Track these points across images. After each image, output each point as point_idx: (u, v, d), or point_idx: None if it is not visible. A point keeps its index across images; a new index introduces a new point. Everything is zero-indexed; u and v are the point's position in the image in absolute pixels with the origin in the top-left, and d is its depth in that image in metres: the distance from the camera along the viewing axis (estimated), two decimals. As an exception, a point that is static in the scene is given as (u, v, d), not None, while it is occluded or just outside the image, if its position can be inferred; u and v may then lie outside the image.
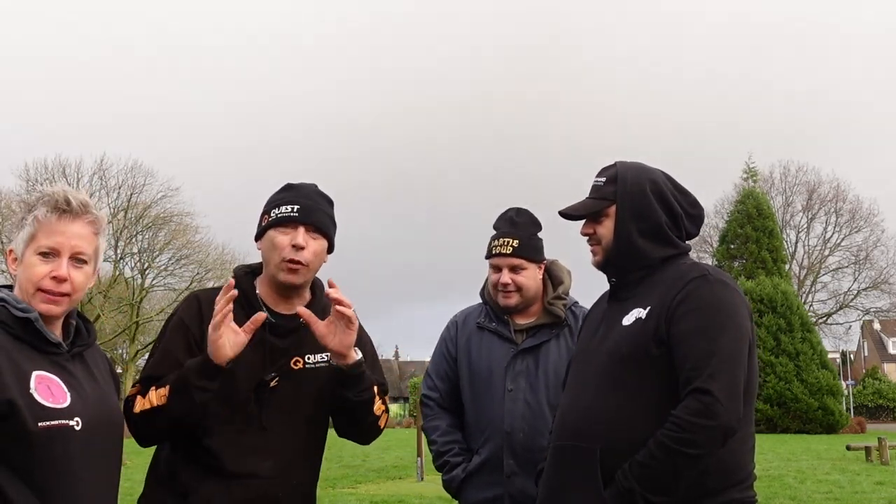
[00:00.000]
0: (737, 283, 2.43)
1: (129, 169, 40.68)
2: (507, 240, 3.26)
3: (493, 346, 3.30)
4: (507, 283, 3.24)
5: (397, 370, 74.42)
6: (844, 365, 51.46)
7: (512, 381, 3.22)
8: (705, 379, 2.16)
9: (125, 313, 42.33)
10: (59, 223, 2.03)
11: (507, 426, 3.17)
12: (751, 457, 2.37)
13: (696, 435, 2.13)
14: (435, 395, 3.42)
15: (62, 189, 2.08)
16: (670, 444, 2.14)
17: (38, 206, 2.04)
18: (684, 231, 2.51)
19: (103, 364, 2.20)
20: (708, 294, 2.29)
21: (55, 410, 1.91)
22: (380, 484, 13.46)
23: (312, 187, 2.61)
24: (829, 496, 11.11)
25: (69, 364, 2.02)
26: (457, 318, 3.49)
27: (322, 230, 2.53)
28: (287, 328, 2.51)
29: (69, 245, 2.03)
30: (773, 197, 46.40)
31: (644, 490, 2.16)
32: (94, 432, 1.98)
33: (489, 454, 3.20)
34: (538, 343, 3.26)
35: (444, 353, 3.43)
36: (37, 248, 2.01)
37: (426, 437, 3.45)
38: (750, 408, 2.30)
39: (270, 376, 2.43)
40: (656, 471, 2.16)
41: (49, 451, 1.89)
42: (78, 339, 2.09)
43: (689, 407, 2.15)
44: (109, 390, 2.14)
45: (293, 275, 2.48)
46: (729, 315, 2.27)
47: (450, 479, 3.28)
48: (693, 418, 2.14)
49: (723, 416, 2.13)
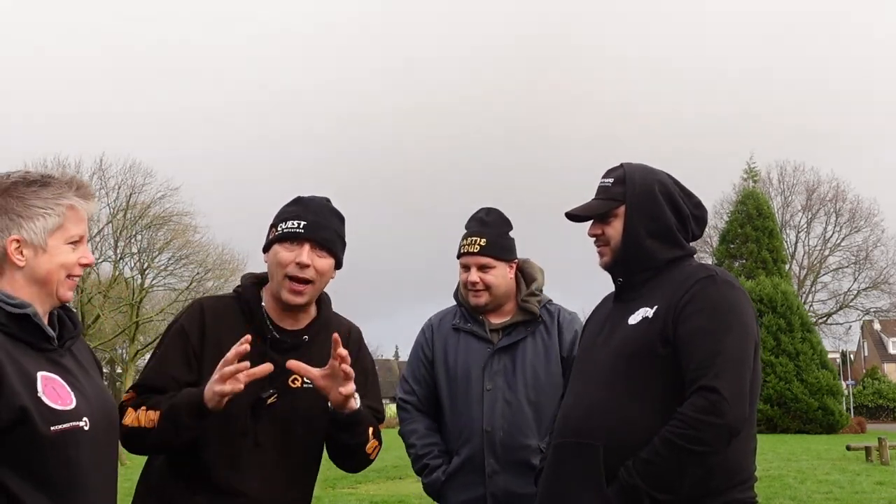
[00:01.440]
0: (741, 285, 2.43)
1: (128, 168, 40.67)
2: (475, 238, 3.27)
3: (469, 346, 3.30)
4: (476, 281, 3.25)
5: (397, 370, 74.36)
6: (844, 365, 51.44)
7: (490, 380, 3.22)
8: (712, 377, 2.16)
9: (125, 313, 42.28)
10: (85, 208, 2.04)
11: (487, 425, 3.17)
12: (753, 457, 2.37)
13: (702, 432, 2.13)
14: (412, 399, 3.40)
15: (72, 174, 2.09)
16: (676, 441, 2.14)
17: (63, 192, 2.00)
18: (690, 232, 2.51)
19: (87, 353, 2.16)
20: (715, 295, 2.29)
21: (65, 413, 1.88)
22: (380, 484, 13.45)
23: (323, 202, 2.53)
24: (829, 496, 11.10)
25: (63, 360, 1.98)
26: (431, 320, 3.47)
27: (329, 248, 2.45)
28: (289, 345, 2.46)
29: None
30: (773, 197, 46.39)
31: (649, 487, 2.15)
32: (98, 430, 1.96)
33: (469, 454, 3.19)
34: (514, 341, 3.27)
35: (420, 357, 3.42)
36: (68, 237, 2.00)
37: (404, 441, 3.40)
38: (753, 409, 2.29)
39: (268, 393, 2.38)
40: (661, 468, 2.15)
41: (63, 455, 1.86)
42: (65, 332, 2.04)
43: (696, 404, 2.15)
44: (101, 383, 2.12)
45: (296, 296, 2.43)
46: (735, 315, 2.27)
47: (431, 482, 3.26)
48: (700, 415, 2.13)
49: (729, 415, 2.13)
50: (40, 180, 1.99)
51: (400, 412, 3.43)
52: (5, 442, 1.81)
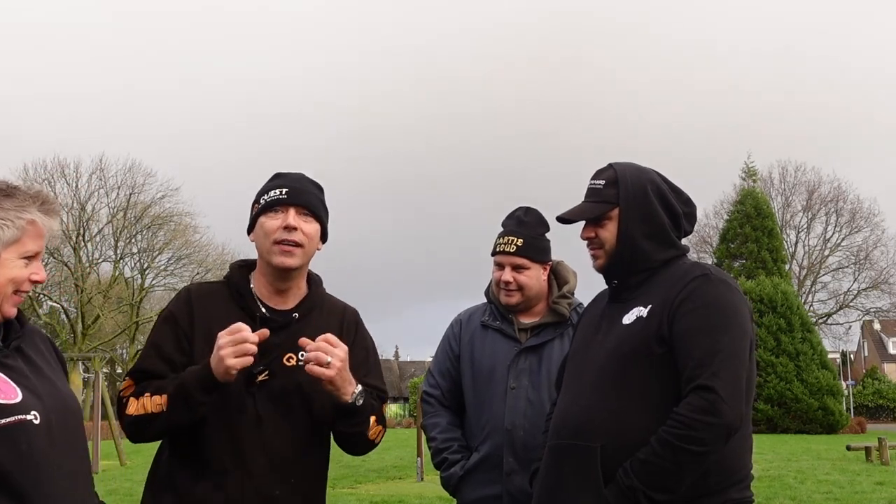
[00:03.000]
0: (737, 283, 2.42)
1: (128, 169, 40.77)
2: (512, 238, 3.27)
3: (496, 344, 3.30)
4: (509, 281, 3.24)
5: (397, 370, 74.39)
6: (844, 365, 51.47)
7: (515, 378, 3.21)
8: (708, 377, 2.15)
9: (125, 313, 42.36)
10: (46, 225, 1.98)
11: (509, 423, 3.16)
12: (749, 457, 2.36)
13: (700, 432, 2.12)
14: (436, 393, 3.41)
15: (38, 187, 2.02)
16: (674, 442, 2.13)
17: (26, 206, 1.94)
18: (683, 230, 2.51)
19: (44, 346, 2.11)
20: (710, 293, 2.29)
21: (9, 407, 1.85)
22: (380, 484, 13.45)
23: (301, 174, 2.59)
24: (829, 496, 11.10)
25: (9, 360, 1.95)
26: (461, 316, 3.49)
27: (313, 212, 2.50)
28: (279, 323, 2.46)
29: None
30: (773, 197, 46.42)
31: (647, 488, 2.14)
32: (53, 423, 1.93)
33: (488, 451, 3.19)
34: (542, 342, 3.26)
35: (448, 351, 3.43)
36: (23, 252, 1.94)
37: (426, 433, 3.43)
38: (749, 408, 2.29)
39: (258, 369, 2.38)
40: (659, 468, 2.14)
41: (13, 449, 1.83)
42: (11, 333, 2.00)
43: (693, 404, 2.14)
44: (57, 377, 2.07)
45: (288, 257, 2.44)
46: (731, 314, 2.27)
47: (448, 477, 3.27)
48: (697, 415, 2.13)
49: (726, 414, 2.13)
50: (4, 190, 1.93)
51: (424, 405, 3.45)
52: None
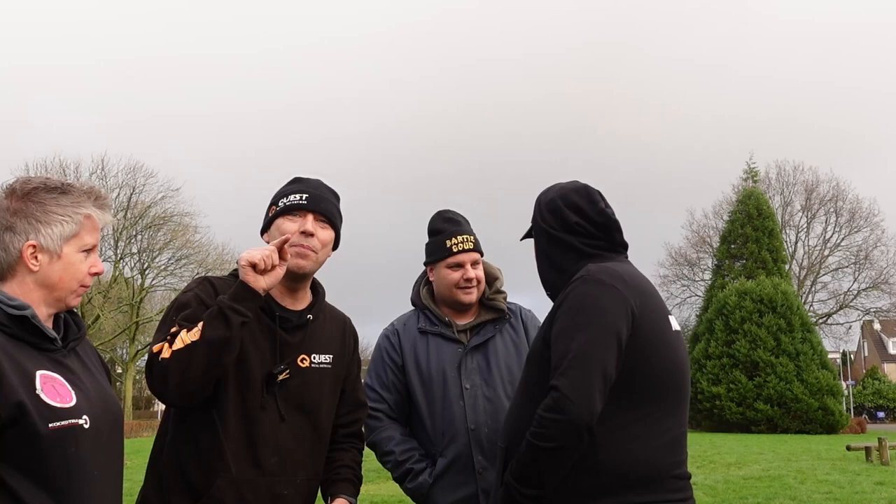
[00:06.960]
0: (623, 282, 2.38)
1: (129, 169, 40.84)
2: (466, 236, 3.32)
3: (440, 348, 3.29)
4: (474, 277, 3.29)
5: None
6: (844, 365, 51.50)
7: (467, 379, 3.23)
8: (557, 376, 2.24)
9: (125, 313, 42.38)
10: (101, 218, 2.08)
11: (472, 423, 3.17)
12: (670, 458, 2.33)
13: (548, 429, 2.22)
14: (382, 407, 3.27)
15: (91, 184, 2.13)
16: (530, 440, 2.26)
17: (82, 201, 2.04)
18: (600, 238, 2.53)
19: (94, 356, 2.19)
20: (578, 294, 2.35)
21: (64, 410, 1.89)
22: (380, 484, 13.44)
23: (320, 181, 2.65)
24: (829, 496, 11.09)
25: (66, 360, 2.01)
26: (395, 326, 3.41)
27: (330, 219, 2.55)
28: (294, 324, 2.50)
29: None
30: (772, 197, 46.39)
31: (517, 483, 2.30)
32: (100, 429, 1.97)
33: (455, 454, 3.17)
34: (484, 339, 3.30)
35: (388, 363, 3.32)
36: (82, 245, 2.04)
37: (377, 450, 3.26)
38: (640, 403, 2.30)
39: (280, 369, 2.42)
40: (523, 464, 2.29)
41: (62, 453, 1.87)
42: (69, 334, 2.08)
43: (545, 403, 2.25)
44: (106, 384, 2.14)
45: (303, 259, 2.47)
46: (593, 313, 2.30)
47: (417, 487, 3.18)
48: (546, 413, 2.23)
49: (571, 412, 2.18)
50: (60, 188, 2.03)
51: (370, 421, 3.23)
52: (4, 438, 1.82)
